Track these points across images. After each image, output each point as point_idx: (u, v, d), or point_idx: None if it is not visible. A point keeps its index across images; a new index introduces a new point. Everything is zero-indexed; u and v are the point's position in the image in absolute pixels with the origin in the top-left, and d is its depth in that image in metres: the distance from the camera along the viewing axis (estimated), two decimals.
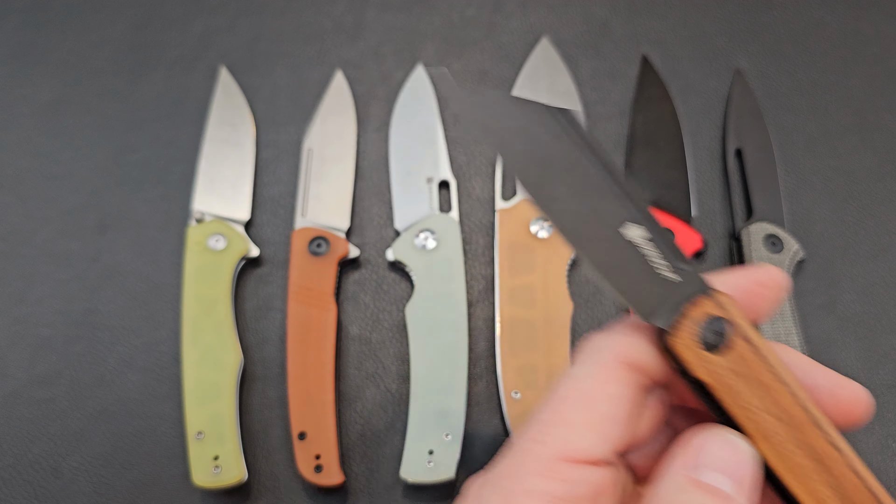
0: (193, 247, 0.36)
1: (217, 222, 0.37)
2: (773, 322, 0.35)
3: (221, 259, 0.36)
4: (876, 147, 0.42)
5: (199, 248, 0.36)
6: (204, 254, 0.36)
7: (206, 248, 0.36)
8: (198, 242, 0.36)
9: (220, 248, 0.36)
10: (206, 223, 0.37)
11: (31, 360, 0.37)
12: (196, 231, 0.37)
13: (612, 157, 0.21)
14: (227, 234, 0.37)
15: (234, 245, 0.37)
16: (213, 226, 0.37)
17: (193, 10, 0.48)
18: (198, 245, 0.36)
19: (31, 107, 0.45)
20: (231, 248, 0.37)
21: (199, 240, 0.36)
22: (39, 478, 0.34)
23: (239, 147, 0.41)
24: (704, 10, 0.47)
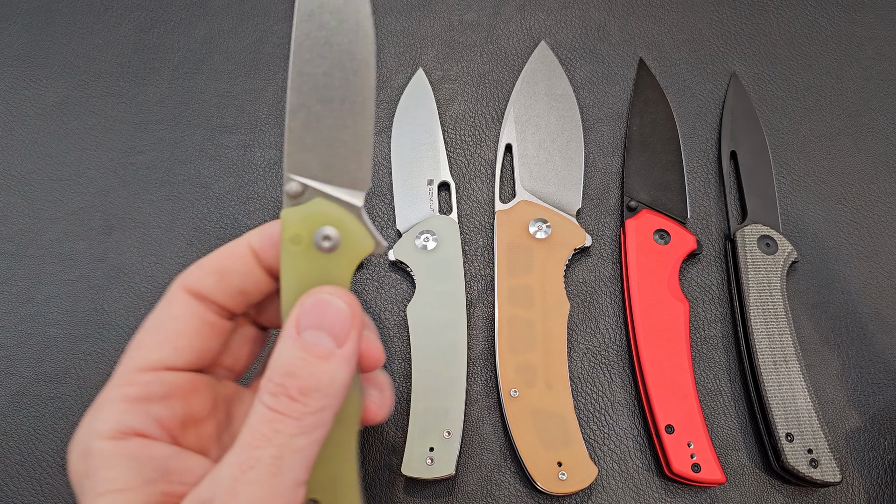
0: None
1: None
2: (766, 322, 0.35)
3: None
4: (869, 149, 0.42)
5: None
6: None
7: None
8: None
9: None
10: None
11: (39, 359, 0.37)
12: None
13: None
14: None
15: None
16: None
17: (198, 13, 0.48)
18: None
19: (36, 109, 0.45)
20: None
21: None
22: (46, 475, 0.34)
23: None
24: (700, 15, 0.47)
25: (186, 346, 0.22)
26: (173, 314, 0.22)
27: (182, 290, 0.22)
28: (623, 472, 0.34)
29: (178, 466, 0.20)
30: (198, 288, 0.22)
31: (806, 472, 0.32)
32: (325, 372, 0.20)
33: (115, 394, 0.21)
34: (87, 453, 0.20)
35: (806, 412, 0.33)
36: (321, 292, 0.20)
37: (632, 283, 0.36)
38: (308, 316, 0.20)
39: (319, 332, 0.20)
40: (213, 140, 0.43)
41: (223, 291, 0.22)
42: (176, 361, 0.21)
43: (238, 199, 0.41)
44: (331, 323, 0.20)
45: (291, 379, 0.19)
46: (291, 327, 0.20)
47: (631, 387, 0.36)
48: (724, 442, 0.34)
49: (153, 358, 0.21)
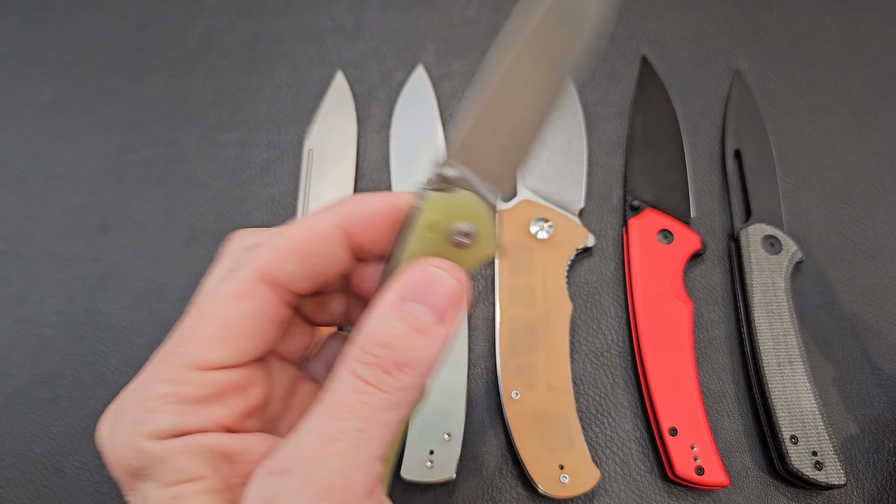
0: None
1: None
2: (771, 323, 0.35)
3: None
4: (874, 148, 0.42)
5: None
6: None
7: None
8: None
9: None
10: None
11: (33, 360, 0.37)
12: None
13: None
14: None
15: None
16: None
17: (194, 10, 0.48)
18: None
19: (31, 107, 0.45)
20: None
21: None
22: (42, 477, 0.34)
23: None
24: (704, 12, 0.47)
25: (250, 346, 0.20)
26: (244, 311, 0.19)
27: (257, 280, 0.19)
28: (626, 476, 0.33)
29: (239, 447, 0.19)
30: (276, 276, 0.20)
31: (810, 474, 0.31)
32: (422, 347, 0.18)
33: (168, 392, 0.18)
34: (139, 452, 0.18)
35: (810, 414, 0.33)
36: (430, 264, 0.19)
37: (635, 283, 0.36)
38: (413, 287, 0.19)
39: (421, 306, 0.19)
40: (210, 138, 0.43)
41: (303, 277, 0.20)
42: (235, 360, 0.19)
43: (235, 198, 0.41)
44: (436, 298, 0.19)
45: (387, 350, 0.18)
46: (393, 296, 0.19)
47: (634, 389, 0.35)
48: (728, 444, 0.34)
49: (211, 357, 0.19)
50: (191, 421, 0.18)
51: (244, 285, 0.19)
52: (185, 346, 0.19)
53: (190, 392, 0.19)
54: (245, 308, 0.19)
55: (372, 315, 0.19)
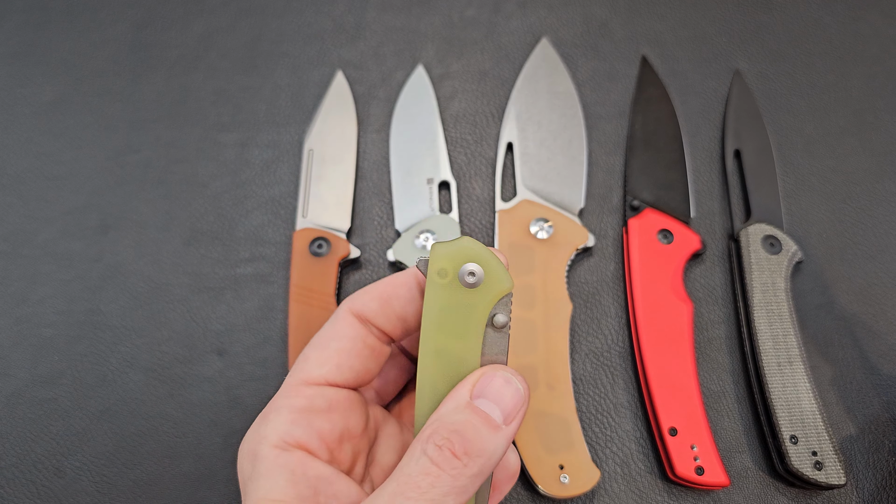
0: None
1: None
2: (771, 323, 0.35)
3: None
4: (874, 148, 0.42)
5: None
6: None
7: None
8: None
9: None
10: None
11: (34, 360, 0.37)
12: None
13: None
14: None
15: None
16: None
17: (194, 10, 0.48)
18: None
19: (32, 107, 0.45)
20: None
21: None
22: (42, 477, 0.34)
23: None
24: (703, 11, 0.47)
25: (347, 365, 0.23)
26: (338, 333, 0.23)
27: (348, 313, 0.24)
28: (626, 476, 0.33)
29: (329, 488, 0.22)
30: (362, 311, 0.24)
31: (810, 474, 0.31)
32: (491, 441, 0.20)
33: (283, 404, 0.22)
34: (254, 457, 0.22)
35: (810, 414, 0.33)
36: (502, 370, 0.22)
37: (635, 283, 0.36)
38: (487, 386, 0.21)
39: (492, 404, 0.21)
40: (210, 138, 0.43)
41: (385, 316, 0.24)
42: (337, 378, 0.23)
43: (235, 198, 0.41)
44: (506, 400, 0.21)
45: (459, 437, 0.20)
46: (466, 391, 0.21)
47: (634, 389, 0.35)
48: (728, 444, 0.34)
49: (317, 373, 0.23)
50: (298, 429, 0.22)
51: (338, 317, 0.24)
52: (299, 368, 0.23)
53: (300, 403, 0.22)
54: (339, 331, 0.23)
55: (446, 403, 0.21)
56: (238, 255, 0.39)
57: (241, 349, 0.36)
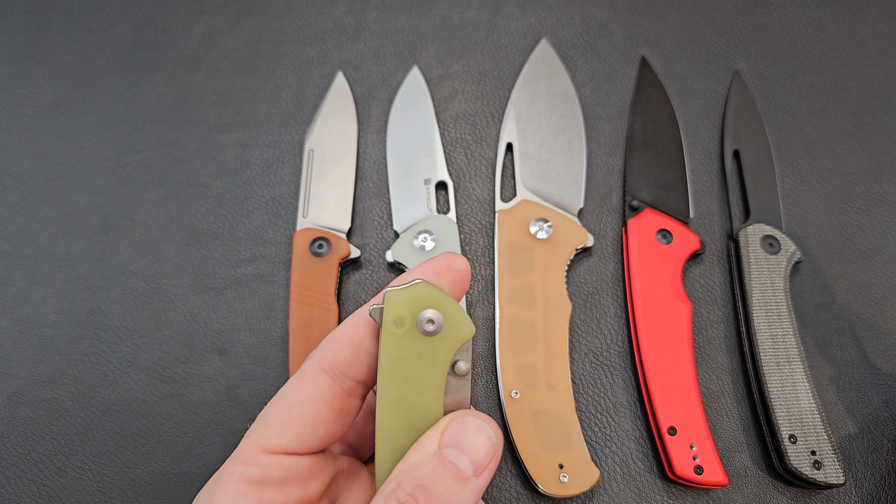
0: None
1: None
2: (770, 323, 0.35)
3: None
4: (873, 148, 0.42)
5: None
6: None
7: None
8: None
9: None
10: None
11: (35, 360, 0.37)
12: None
13: None
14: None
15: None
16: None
17: (195, 10, 0.48)
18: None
19: (33, 107, 0.45)
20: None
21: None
22: (44, 476, 0.34)
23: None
24: (703, 12, 0.47)
25: (309, 433, 0.21)
26: (302, 397, 0.21)
27: (316, 370, 0.21)
28: (625, 475, 0.33)
29: None
30: (334, 364, 0.21)
31: (809, 473, 0.32)
32: (458, 495, 0.19)
33: (236, 471, 0.21)
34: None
35: (809, 413, 0.33)
36: (474, 415, 0.20)
37: (634, 283, 0.36)
38: (456, 434, 0.20)
39: (462, 455, 0.20)
40: (211, 139, 0.43)
41: (361, 363, 0.21)
42: (297, 447, 0.21)
43: (236, 199, 0.41)
44: (476, 449, 0.20)
45: (423, 493, 0.19)
46: (434, 440, 0.20)
47: (633, 388, 0.35)
48: (727, 444, 0.34)
49: (275, 441, 0.21)
50: (247, 501, 0.20)
51: (305, 375, 0.21)
52: (256, 430, 0.21)
53: (253, 473, 0.20)
54: (303, 395, 0.21)
55: (412, 454, 0.20)
56: (239, 255, 0.39)
57: (242, 349, 0.37)
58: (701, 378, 0.36)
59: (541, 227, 0.37)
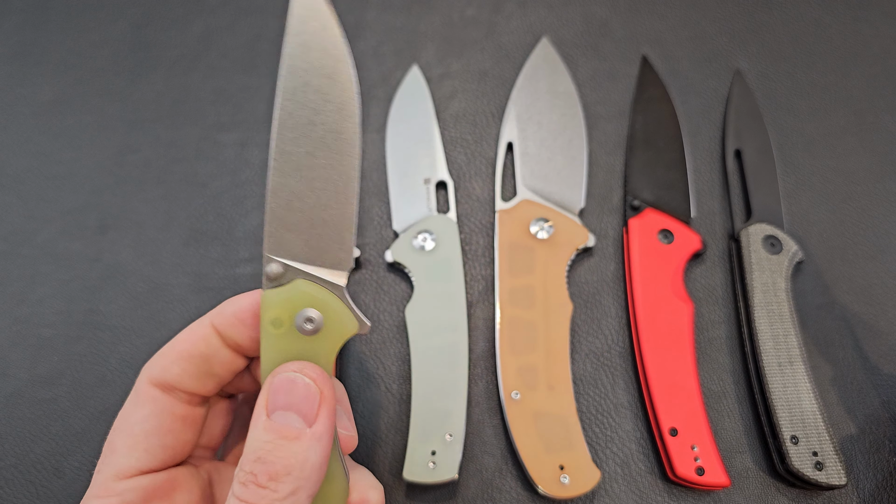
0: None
1: None
2: (771, 323, 0.35)
3: None
4: (875, 148, 0.42)
5: None
6: None
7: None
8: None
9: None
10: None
11: (33, 361, 0.37)
12: None
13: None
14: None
15: None
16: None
17: (194, 9, 0.48)
18: None
19: (31, 107, 0.45)
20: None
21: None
22: (41, 477, 0.34)
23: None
24: (704, 11, 0.47)
25: (158, 445, 0.21)
26: (141, 415, 0.21)
27: (148, 385, 0.21)
28: (626, 476, 0.33)
29: None
30: (164, 379, 0.21)
31: (811, 475, 0.31)
32: (296, 454, 0.19)
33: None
34: None
35: (811, 414, 0.33)
36: (286, 370, 0.20)
37: (635, 283, 0.36)
38: (275, 396, 0.19)
39: (288, 413, 0.19)
40: (209, 138, 0.43)
41: (191, 377, 0.21)
42: (150, 464, 0.21)
43: (234, 198, 0.41)
44: (299, 401, 0.19)
45: (261, 465, 0.19)
46: (261, 411, 0.19)
47: (634, 389, 0.35)
48: (728, 445, 0.34)
49: (126, 464, 0.20)
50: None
51: (138, 393, 0.21)
52: (105, 461, 0.21)
53: (113, 503, 0.20)
54: (142, 413, 0.21)
55: (250, 432, 0.19)
56: (237, 254, 0.39)
57: None
58: (702, 379, 0.35)
59: (541, 227, 0.37)
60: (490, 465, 0.33)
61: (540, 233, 0.37)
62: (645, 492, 0.33)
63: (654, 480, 0.33)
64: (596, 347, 0.36)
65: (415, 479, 0.31)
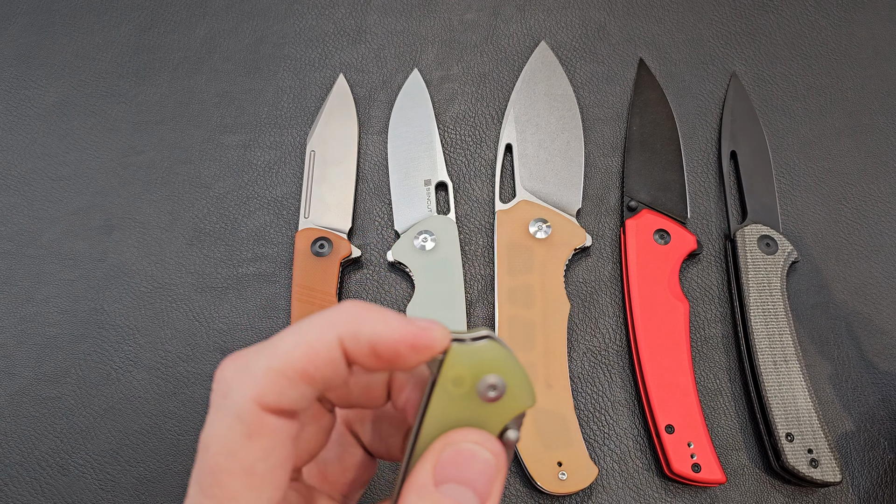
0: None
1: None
2: (766, 322, 0.35)
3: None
4: (869, 149, 0.42)
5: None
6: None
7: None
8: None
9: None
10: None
11: (38, 359, 0.37)
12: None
13: None
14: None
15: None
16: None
17: (197, 13, 0.48)
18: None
19: (36, 109, 0.45)
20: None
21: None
22: (46, 475, 0.34)
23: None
24: (700, 14, 0.47)
25: (283, 477, 0.17)
26: (264, 450, 0.16)
27: (262, 412, 0.17)
28: (623, 472, 0.34)
29: None
30: (283, 405, 0.17)
31: (806, 471, 0.32)
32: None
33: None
34: None
35: (806, 412, 0.33)
36: (465, 440, 0.18)
37: (632, 282, 0.36)
38: (449, 467, 0.17)
39: (461, 487, 0.17)
40: (213, 140, 0.43)
41: (308, 401, 0.17)
42: (275, 498, 0.17)
43: (238, 199, 0.41)
44: (476, 477, 0.17)
45: None
46: (427, 478, 0.17)
47: (631, 386, 0.36)
48: (724, 442, 0.34)
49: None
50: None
51: (251, 422, 0.16)
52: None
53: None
54: (263, 446, 0.17)
55: (407, 496, 0.17)
56: (241, 254, 0.40)
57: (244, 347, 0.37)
58: (698, 377, 0.36)
59: (540, 228, 0.38)
60: None
61: (538, 233, 0.38)
62: (641, 488, 0.33)
63: (650, 477, 0.34)
64: (593, 346, 0.37)
65: None
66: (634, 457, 0.34)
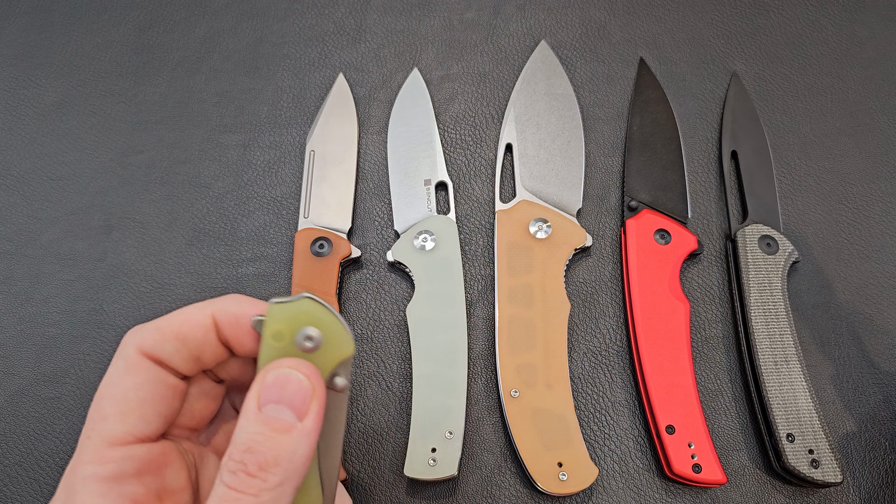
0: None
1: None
2: (767, 322, 0.35)
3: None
4: (870, 149, 0.42)
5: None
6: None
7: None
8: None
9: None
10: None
11: (38, 359, 0.37)
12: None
13: None
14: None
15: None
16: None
17: (197, 12, 0.48)
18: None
19: (36, 108, 0.45)
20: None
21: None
22: (46, 475, 0.34)
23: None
24: (701, 14, 0.47)
25: (153, 413, 0.21)
26: (136, 382, 0.21)
27: (140, 355, 0.21)
28: (624, 473, 0.34)
29: None
30: (156, 353, 0.21)
31: (807, 472, 0.32)
32: (285, 445, 0.20)
33: (89, 472, 0.20)
34: None
35: (807, 412, 0.33)
36: (281, 366, 0.21)
37: (632, 282, 0.36)
38: (268, 390, 0.20)
39: (280, 406, 0.20)
40: (213, 140, 0.43)
41: (180, 358, 0.22)
42: (145, 431, 0.21)
43: (237, 199, 0.41)
44: (291, 396, 0.20)
45: (250, 455, 0.19)
46: (252, 402, 0.20)
47: (631, 387, 0.36)
48: (724, 442, 0.34)
49: (122, 430, 0.20)
50: (109, 502, 0.19)
51: (129, 361, 0.21)
52: (94, 428, 0.21)
53: (109, 470, 0.20)
54: (135, 380, 0.21)
55: (238, 423, 0.20)
56: (240, 254, 0.40)
57: None
58: (699, 377, 0.36)
59: (540, 227, 0.38)
60: (489, 463, 0.34)
61: (538, 233, 0.38)
62: (642, 489, 0.33)
63: (651, 477, 0.33)
64: (593, 346, 0.37)
65: (415, 476, 0.32)
66: (635, 457, 0.34)
